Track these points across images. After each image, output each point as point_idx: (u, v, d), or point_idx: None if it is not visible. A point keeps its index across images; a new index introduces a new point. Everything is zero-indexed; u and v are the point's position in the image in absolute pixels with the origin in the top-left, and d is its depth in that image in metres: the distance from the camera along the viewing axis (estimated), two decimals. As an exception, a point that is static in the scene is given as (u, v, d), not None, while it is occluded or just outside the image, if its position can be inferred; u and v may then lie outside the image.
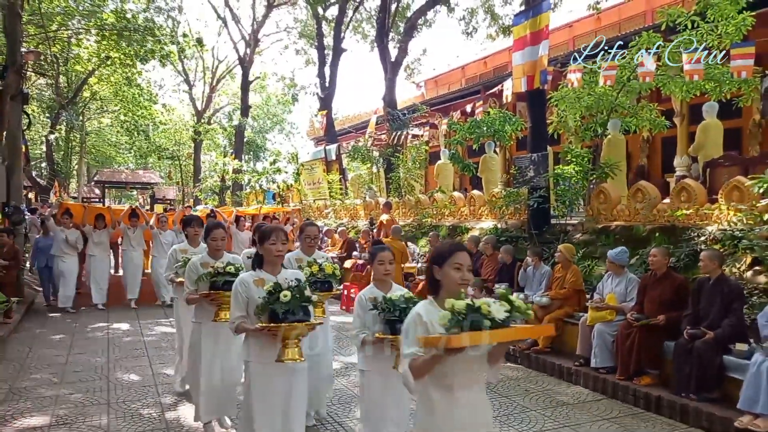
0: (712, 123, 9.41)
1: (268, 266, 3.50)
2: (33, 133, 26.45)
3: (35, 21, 16.76)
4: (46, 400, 5.43)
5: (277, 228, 3.47)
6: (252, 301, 3.35)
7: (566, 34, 19.36)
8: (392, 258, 3.70)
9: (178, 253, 5.36)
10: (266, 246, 3.44)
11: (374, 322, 3.51)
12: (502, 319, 2.14)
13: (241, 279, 3.47)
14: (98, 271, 10.33)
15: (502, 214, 10.06)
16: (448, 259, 2.43)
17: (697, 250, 6.26)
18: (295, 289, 3.24)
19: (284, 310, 3.17)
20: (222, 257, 4.50)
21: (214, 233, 4.54)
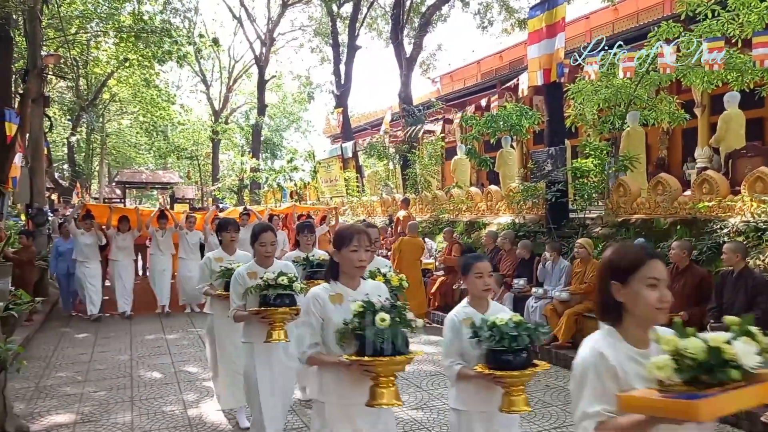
0: (734, 113, 9.24)
1: (346, 278, 2.74)
2: (55, 136, 26.87)
3: (54, 25, 17.02)
4: (71, 398, 5.53)
5: (359, 230, 2.72)
6: (329, 324, 2.63)
7: (583, 26, 19.14)
8: (491, 270, 3.02)
9: (213, 262, 4.74)
10: (345, 253, 2.68)
11: (472, 350, 2.81)
12: (752, 366, 1.42)
13: (314, 295, 2.70)
14: (123, 277, 9.68)
15: (520, 208, 9.99)
16: (638, 271, 1.72)
17: (720, 243, 6.16)
18: (393, 311, 2.50)
19: (382, 338, 2.41)
20: (272, 265, 3.89)
21: (263, 237, 3.85)
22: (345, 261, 2.71)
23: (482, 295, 2.98)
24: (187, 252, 9.96)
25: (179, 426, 4.81)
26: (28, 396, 5.60)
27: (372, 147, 17.91)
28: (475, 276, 2.95)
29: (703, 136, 11.65)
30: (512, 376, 2.61)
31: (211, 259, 4.79)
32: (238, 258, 4.71)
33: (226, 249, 4.83)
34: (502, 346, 2.62)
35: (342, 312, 2.62)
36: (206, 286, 4.73)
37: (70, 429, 4.74)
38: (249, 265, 3.92)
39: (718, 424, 4.69)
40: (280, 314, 3.56)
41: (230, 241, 4.81)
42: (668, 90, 11.29)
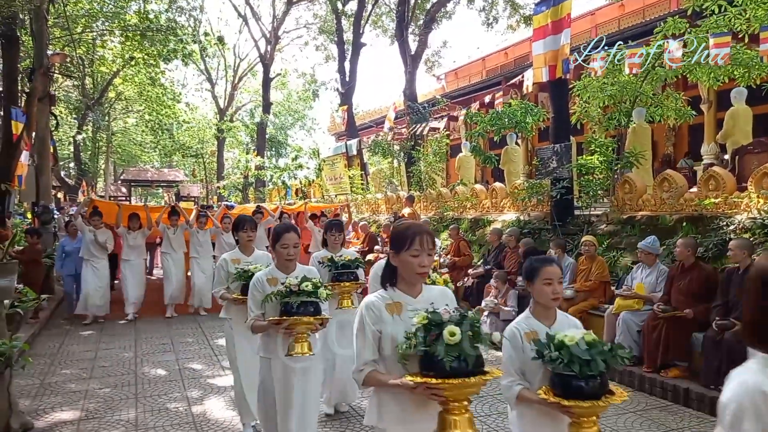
0: (741, 109, 9.16)
1: (405, 285, 2.36)
2: (61, 134, 27.00)
3: (61, 24, 17.08)
4: (75, 395, 5.55)
5: (421, 231, 2.32)
6: (387, 337, 2.26)
7: (588, 22, 19.04)
8: (561, 275, 2.67)
9: (229, 263, 4.38)
10: (405, 257, 2.30)
11: (537, 371, 2.44)
12: None
13: (368, 303, 2.32)
14: (134, 277, 9.27)
15: (525, 206, 9.96)
16: None
17: (726, 240, 6.12)
18: (464, 323, 2.11)
19: (453, 357, 2.02)
20: (295, 270, 3.49)
21: (285, 239, 3.44)
22: (404, 266, 2.32)
23: (550, 305, 2.59)
24: (198, 251, 9.59)
25: (183, 423, 4.82)
26: (33, 393, 5.62)
27: (376, 144, 17.90)
28: (544, 282, 2.56)
29: (709, 133, 11.57)
30: (582, 407, 2.18)
31: (227, 261, 4.41)
32: (256, 259, 4.41)
33: (243, 249, 4.47)
34: (570, 371, 2.20)
35: (401, 324, 2.24)
36: (222, 289, 4.39)
37: (74, 426, 4.76)
38: (269, 270, 3.52)
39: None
40: (304, 324, 3.17)
41: (247, 241, 4.44)
42: (674, 86, 11.22)
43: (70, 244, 9.36)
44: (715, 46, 7.50)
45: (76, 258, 9.11)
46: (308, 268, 3.64)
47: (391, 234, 2.43)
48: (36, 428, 4.67)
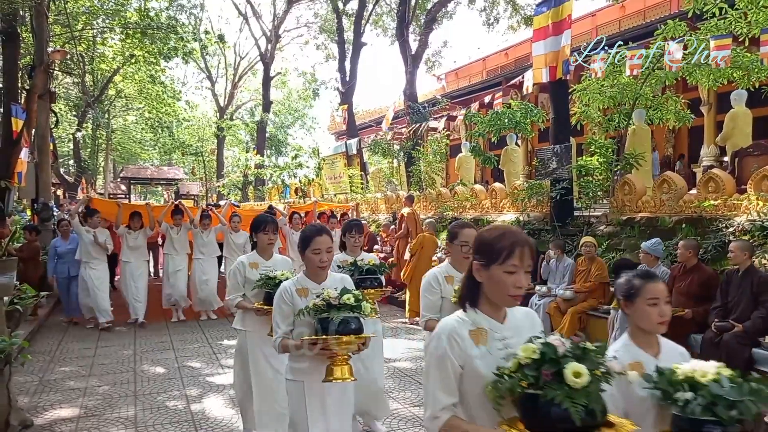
0: (741, 111, 9.18)
1: (491, 307, 1.87)
2: (60, 131, 26.99)
3: (61, 21, 17.07)
4: (74, 392, 5.55)
5: (522, 241, 1.82)
6: (472, 373, 1.77)
7: (589, 23, 19.07)
8: (668, 295, 2.23)
9: (247, 268, 4.00)
10: (497, 273, 1.80)
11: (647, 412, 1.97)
12: None
13: (448, 329, 1.82)
14: (135, 280, 8.68)
15: (524, 206, 9.97)
16: None
17: (725, 242, 6.14)
18: (589, 360, 1.63)
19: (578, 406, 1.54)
20: (326, 279, 3.04)
21: (317, 243, 2.94)
22: (494, 284, 1.82)
23: (656, 330, 2.15)
24: (202, 252, 9.06)
25: (182, 421, 4.82)
26: (32, 390, 5.63)
27: (376, 144, 17.91)
28: (648, 303, 2.13)
29: (709, 135, 11.59)
30: None
31: (245, 265, 4.00)
32: (276, 263, 4.03)
33: (261, 252, 4.06)
34: (710, 415, 1.74)
35: (489, 357, 1.78)
36: (239, 297, 3.98)
37: (73, 423, 4.77)
38: (298, 279, 3.03)
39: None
40: (345, 345, 2.72)
41: (268, 243, 4.04)
42: (674, 88, 11.24)
43: (63, 245, 8.68)
44: (715, 48, 7.51)
45: (69, 260, 8.51)
46: (343, 277, 3.18)
47: (480, 241, 1.90)
48: (35, 425, 4.67)
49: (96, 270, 8.31)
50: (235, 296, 4.00)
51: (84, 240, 8.25)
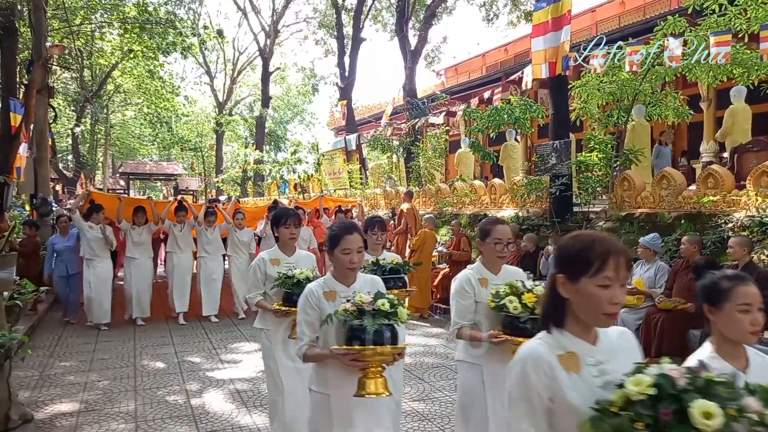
0: (741, 107, 9.19)
1: (580, 327, 1.60)
2: (59, 126, 26.91)
3: (59, 15, 17.03)
4: (75, 387, 5.56)
5: (618, 249, 1.56)
6: (565, 408, 1.51)
7: (589, 19, 19.04)
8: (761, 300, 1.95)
9: (268, 264, 3.75)
10: (588, 287, 1.54)
11: None
12: None
13: (533, 357, 1.56)
14: (140, 278, 8.31)
15: (524, 202, 9.98)
16: None
17: (724, 237, 6.16)
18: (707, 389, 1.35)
19: None
20: (355, 282, 2.76)
21: (347, 242, 2.65)
22: (585, 300, 1.55)
23: (747, 340, 1.92)
24: (207, 250, 8.68)
25: (182, 415, 4.84)
26: (33, 384, 5.64)
27: (376, 139, 17.90)
28: (739, 309, 1.87)
29: (708, 131, 11.58)
30: None
31: (265, 261, 3.76)
32: (299, 260, 3.81)
33: (283, 248, 3.83)
34: None
35: (583, 386, 1.51)
36: (259, 295, 3.76)
37: (74, 417, 4.78)
38: (325, 281, 2.75)
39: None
40: (380, 356, 2.46)
41: (289, 238, 3.77)
42: (674, 84, 11.22)
43: (61, 242, 8.28)
44: (715, 44, 7.50)
45: (68, 257, 8.18)
46: (373, 278, 2.90)
47: (565, 250, 1.63)
48: (35, 420, 4.68)
49: (99, 268, 7.94)
50: (255, 294, 3.76)
51: (87, 236, 7.88)
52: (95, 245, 7.91)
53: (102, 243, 7.93)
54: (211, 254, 8.71)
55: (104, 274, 8.02)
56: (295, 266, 3.65)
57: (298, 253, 3.87)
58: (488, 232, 3.09)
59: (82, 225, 7.86)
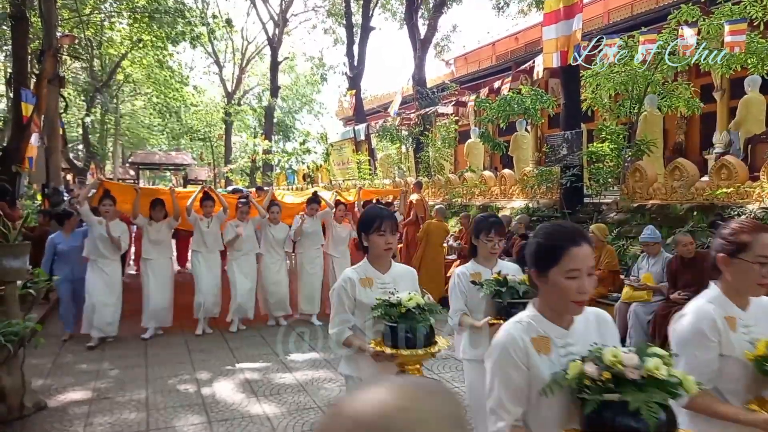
0: (755, 97, 9.07)
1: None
2: (69, 116, 27.07)
3: (69, 5, 17.06)
4: (87, 375, 5.61)
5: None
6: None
7: (601, 7, 18.80)
8: None
9: (358, 286, 2.74)
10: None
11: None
12: None
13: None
14: (158, 282, 7.02)
15: (534, 193, 9.94)
16: None
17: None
18: None
19: None
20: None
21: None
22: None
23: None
24: (241, 248, 7.43)
25: (193, 404, 4.87)
26: (46, 372, 5.70)
27: (385, 130, 17.85)
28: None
29: (722, 121, 11.46)
30: None
31: (353, 281, 2.73)
32: (397, 278, 2.79)
33: (376, 262, 2.78)
34: None
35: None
36: (347, 329, 2.71)
37: (86, 405, 4.82)
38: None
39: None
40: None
41: (385, 249, 2.71)
42: (687, 74, 11.10)
43: (65, 241, 6.84)
44: (730, 33, 7.40)
45: (72, 259, 6.76)
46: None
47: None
48: (48, 407, 4.74)
49: (106, 272, 6.66)
50: (342, 329, 2.71)
51: (93, 233, 6.63)
52: (101, 244, 6.62)
53: (110, 242, 6.63)
54: (242, 253, 7.43)
55: (112, 278, 6.72)
56: (394, 287, 2.73)
57: (394, 267, 2.84)
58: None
59: (92, 219, 6.59)
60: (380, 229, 2.68)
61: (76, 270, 6.74)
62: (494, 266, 3.23)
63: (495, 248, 3.21)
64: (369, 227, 2.72)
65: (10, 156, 10.54)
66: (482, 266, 3.24)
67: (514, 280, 3.03)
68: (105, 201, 6.65)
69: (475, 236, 3.27)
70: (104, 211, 6.62)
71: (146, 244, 7.14)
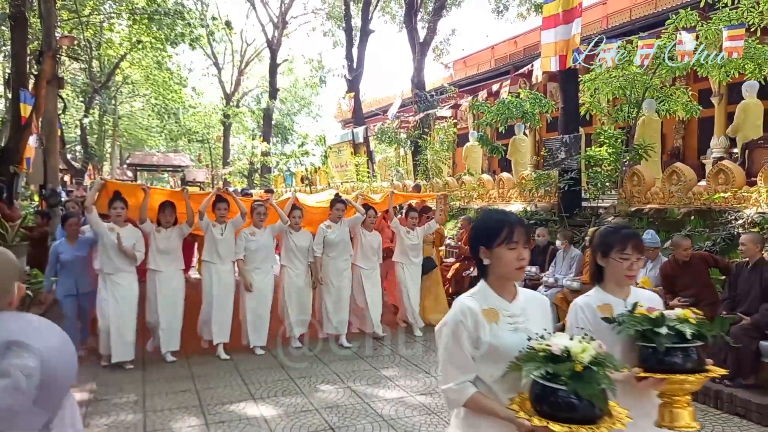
0: (752, 103, 9.12)
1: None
2: (68, 117, 27.04)
3: (68, 6, 17.06)
4: (83, 377, 5.56)
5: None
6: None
7: (600, 11, 18.84)
8: None
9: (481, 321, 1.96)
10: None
11: None
12: None
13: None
14: (167, 298, 6.10)
15: (532, 196, 9.95)
16: None
17: (734, 234, 6.12)
18: None
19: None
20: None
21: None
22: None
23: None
24: (254, 259, 6.46)
25: (190, 406, 4.87)
26: (43, 374, 5.67)
27: (383, 132, 17.87)
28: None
29: (719, 126, 11.50)
30: None
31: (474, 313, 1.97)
32: (528, 308, 2.05)
33: (500, 287, 2.05)
34: None
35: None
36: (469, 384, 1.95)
37: (83, 407, 4.81)
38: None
39: (725, 414, 4.68)
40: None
41: (517, 268, 2.00)
42: (685, 79, 11.14)
43: (69, 250, 5.98)
44: (728, 39, 7.44)
45: (77, 270, 5.97)
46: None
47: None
48: (45, 409, 4.72)
49: (121, 285, 5.83)
50: (463, 383, 1.95)
51: (105, 242, 5.76)
52: (117, 255, 5.77)
53: (124, 253, 5.79)
54: (260, 265, 6.50)
55: (128, 293, 5.89)
56: (525, 322, 1.99)
57: (521, 294, 2.08)
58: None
59: (101, 227, 5.77)
60: (511, 239, 1.97)
61: (82, 283, 5.98)
62: (629, 296, 2.35)
63: (632, 270, 2.30)
64: (492, 238, 2.00)
65: (9, 156, 10.52)
66: (613, 296, 2.36)
67: (671, 317, 2.11)
68: (116, 204, 5.83)
69: (602, 254, 2.37)
70: (116, 215, 5.81)
71: (153, 254, 6.10)
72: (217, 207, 6.35)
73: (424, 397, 5.07)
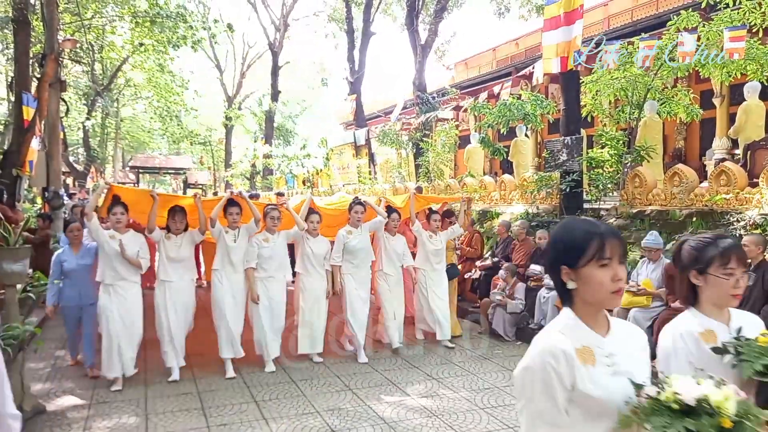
0: (754, 104, 9.10)
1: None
2: (70, 120, 27.09)
3: (71, 9, 17.12)
4: (86, 379, 5.61)
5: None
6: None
7: (601, 13, 18.85)
8: None
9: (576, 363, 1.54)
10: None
11: None
12: None
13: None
14: (177, 310, 5.72)
15: (534, 198, 9.94)
16: None
17: (736, 236, 6.10)
18: None
19: None
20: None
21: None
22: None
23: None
24: (266, 267, 6.03)
25: (192, 408, 4.87)
26: (45, 376, 5.70)
27: (385, 134, 17.87)
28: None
29: (721, 127, 11.48)
30: None
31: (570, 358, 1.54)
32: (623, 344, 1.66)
33: (592, 319, 1.64)
34: None
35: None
36: None
37: (85, 410, 4.83)
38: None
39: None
40: None
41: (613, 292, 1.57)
42: (686, 80, 11.13)
43: (73, 258, 5.70)
44: (730, 39, 7.43)
45: (81, 280, 5.66)
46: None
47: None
48: (47, 411, 4.74)
49: (124, 297, 5.42)
50: None
51: (107, 250, 5.37)
52: (119, 263, 5.39)
53: (127, 261, 5.41)
54: (273, 274, 6.07)
55: (132, 305, 5.49)
56: (625, 361, 1.61)
57: (615, 327, 1.68)
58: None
59: (101, 235, 5.36)
60: (602, 255, 1.57)
61: (85, 294, 5.66)
62: (731, 319, 2.02)
63: (738, 287, 1.94)
64: (577, 255, 1.59)
65: (11, 159, 10.55)
66: (714, 319, 2.00)
67: None
68: (115, 209, 5.42)
69: (699, 270, 2.00)
70: (116, 221, 5.40)
71: (163, 264, 5.74)
72: (229, 212, 5.89)
73: (426, 400, 5.07)
